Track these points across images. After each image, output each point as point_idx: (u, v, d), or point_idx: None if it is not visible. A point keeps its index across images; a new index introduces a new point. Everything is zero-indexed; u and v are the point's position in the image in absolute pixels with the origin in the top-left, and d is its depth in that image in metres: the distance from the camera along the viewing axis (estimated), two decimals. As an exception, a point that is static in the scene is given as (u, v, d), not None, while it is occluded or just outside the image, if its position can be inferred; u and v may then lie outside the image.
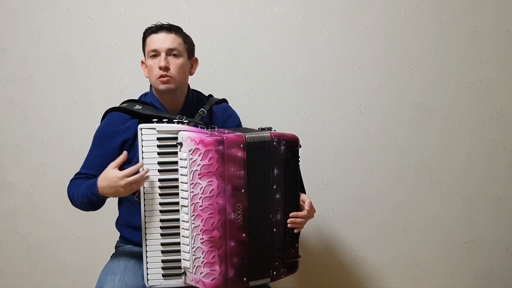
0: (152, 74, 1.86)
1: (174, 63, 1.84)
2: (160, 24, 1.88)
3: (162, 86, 1.84)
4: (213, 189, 1.63)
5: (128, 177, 1.62)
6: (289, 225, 1.76)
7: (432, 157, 2.41)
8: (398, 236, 2.45)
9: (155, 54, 1.84)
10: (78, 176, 1.88)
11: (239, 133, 1.69)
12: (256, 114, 2.38)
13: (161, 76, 1.83)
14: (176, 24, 1.92)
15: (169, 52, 1.84)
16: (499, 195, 2.42)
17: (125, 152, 1.69)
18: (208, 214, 1.63)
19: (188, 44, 1.93)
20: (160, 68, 1.82)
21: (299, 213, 1.78)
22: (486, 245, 2.45)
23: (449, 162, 2.41)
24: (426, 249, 2.46)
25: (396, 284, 2.47)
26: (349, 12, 2.35)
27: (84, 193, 1.74)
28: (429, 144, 2.41)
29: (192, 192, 1.64)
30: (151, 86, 1.95)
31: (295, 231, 1.79)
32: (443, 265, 2.46)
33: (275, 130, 1.81)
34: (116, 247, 1.99)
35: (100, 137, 1.89)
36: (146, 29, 1.90)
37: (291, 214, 1.77)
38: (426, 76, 2.38)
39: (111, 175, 1.65)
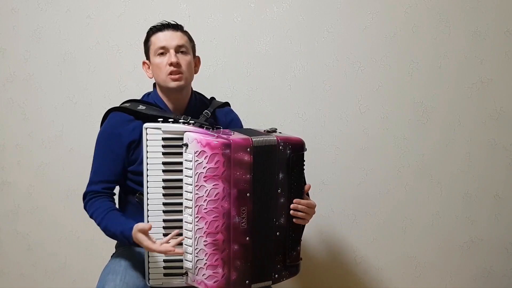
0: (161, 72, 1.82)
1: (184, 60, 1.83)
2: (165, 22, 1.87)
3: (173, 84, 1.81)
4: (218, 193, 1.61)
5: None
6: (291, 212, 1.73)
7: (432, 157, 2.41)
8: (398, 236, 2.46)
9: (163, 51, 1.82)
10: (98, 195, 1.85)
11: (245, 137, 1.66)
12: (256, 114, 2.38)
13: (172, 73, 1.80)
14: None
15: (178, 49, 1.83)
16: (499, 195, 2.43)
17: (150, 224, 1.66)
18: (213, 217, 1.62)
19: (193, 43, 1.93)
20: (172, 64, 1.79)
21: (302, 201, 1.74)
22: (486, 245, 2.45)
23: (449, 162, 2.42)
24: (426, 249, 2.46)
25: (396, 284, 2.48)
26: (349, 12, 2.35)
27: (116, 234, 1.76)
28: (429, 144, 2.41)
29: (196, 194, 1.63)
30: (154, 85, 1.93)
31: (294, 220, 1.75)
32: (443, 265, 2.46)
33: (280, 132, 1.80)
34: (116, 247, 1.98)
35: (108, 138, 1.84)
36: (150, 28, 1.88)
37: (294, 201, 1.74)
38: (426, 76, 2.37)
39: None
